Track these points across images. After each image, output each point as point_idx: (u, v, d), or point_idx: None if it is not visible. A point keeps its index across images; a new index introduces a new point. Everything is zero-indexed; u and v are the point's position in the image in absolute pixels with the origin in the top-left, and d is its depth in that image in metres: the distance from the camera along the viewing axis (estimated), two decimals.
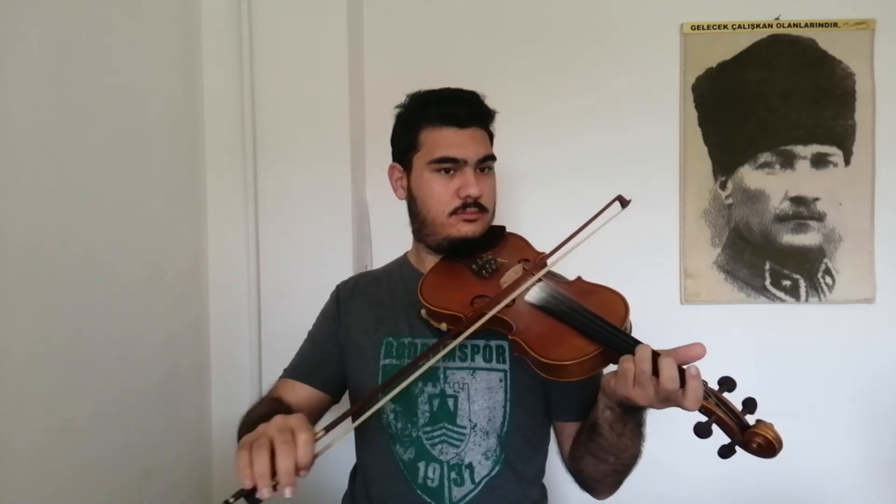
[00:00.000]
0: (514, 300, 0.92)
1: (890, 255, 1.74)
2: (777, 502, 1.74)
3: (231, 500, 0.68)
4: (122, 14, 1.28)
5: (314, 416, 1.07)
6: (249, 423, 0.92)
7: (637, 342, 0.80)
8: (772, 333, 1.76)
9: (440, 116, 1.00)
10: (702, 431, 0.76)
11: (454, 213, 1.00)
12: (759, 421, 0.75)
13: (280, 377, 1.11)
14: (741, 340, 1.75)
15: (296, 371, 1.10)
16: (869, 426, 1.75)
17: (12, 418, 0.97)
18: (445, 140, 1.00)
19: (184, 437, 1.51)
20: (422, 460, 0.98)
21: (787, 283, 1.75)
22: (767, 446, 0.73)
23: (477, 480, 0.97)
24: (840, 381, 1.74)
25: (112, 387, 1.22)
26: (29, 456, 1.01)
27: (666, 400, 0.77)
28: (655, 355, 0.77)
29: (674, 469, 1.67)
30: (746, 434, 0.74)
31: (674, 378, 0.74)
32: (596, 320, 0.84)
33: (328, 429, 0.76)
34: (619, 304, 0.89)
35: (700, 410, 0.77)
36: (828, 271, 1.74)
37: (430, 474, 0.97)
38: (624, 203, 0.97)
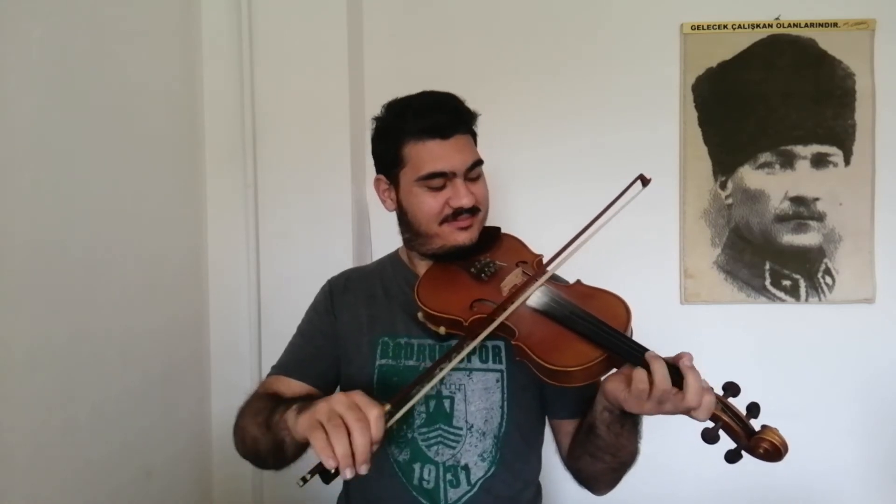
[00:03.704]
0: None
1: (890, 255, 1.74)
2: (777, 501, 1.74)
3: (308, 476, 0.70)
4: (122, 14, 1.28)
5: None
6: (259, 422, 0.89)
7: (644, 349, 0.80)
8: (772, 333, 1.76)
9: (422, 129, 0.96)
10: (709, 437, 0.77)
11: (445, 221, 0.98)
12: (764, 426, 0.76)
13: (269, 374, 1.08)
14: (741, 340, 1.75)
15: (288, 367, 1.06)
16: (868, 426, 1.75)
17: (13, 416, 0.97)
18: (431, 154, 0.96)
19: (184, 433, 1.52)
20: (417, 461, 0.97)
21: (787, 283, 1.75)
22: (774, 451, 0.74)
23: (473, 482, 0.97)
24: (840, 380, 1.74)
25: (112, 384, 1.23)
26: (29, 455, 1.01)
27: (662, 403, 0.77)
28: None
29: (674, 469, 1.67)
30: (753, 440, 0.75)
31: (667, 378, 0.76)
32: (601, 326, 0.83)
33: (393, 403, 0.76)
34: (620, 308, 0.88)
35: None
36: (828, 271, 1.74)
37: (426, 475, 0.97)
38: (645, 182, 0.96)
